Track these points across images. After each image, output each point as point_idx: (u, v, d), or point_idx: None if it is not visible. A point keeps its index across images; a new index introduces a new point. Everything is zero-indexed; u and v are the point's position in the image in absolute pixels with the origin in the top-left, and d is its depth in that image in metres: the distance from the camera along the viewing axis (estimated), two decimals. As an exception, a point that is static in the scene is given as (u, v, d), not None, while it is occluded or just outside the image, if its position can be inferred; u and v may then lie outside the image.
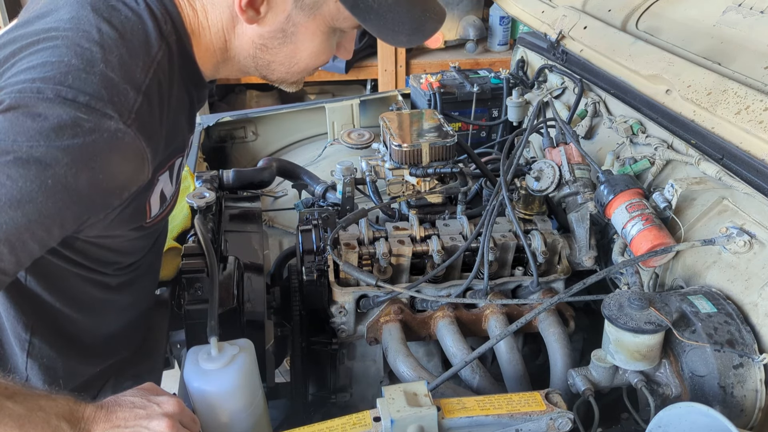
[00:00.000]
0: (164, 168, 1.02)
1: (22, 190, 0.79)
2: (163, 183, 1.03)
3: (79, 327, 1.13)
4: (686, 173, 1.36)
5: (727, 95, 1.28)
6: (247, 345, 1.18)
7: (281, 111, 2.53)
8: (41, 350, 1.09)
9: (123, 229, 1.02)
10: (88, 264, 1.06)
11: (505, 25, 3.77)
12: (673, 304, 1.08)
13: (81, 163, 0.81)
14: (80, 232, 0.96)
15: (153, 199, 1.03)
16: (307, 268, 1.34)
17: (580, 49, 1.80)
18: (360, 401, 1.46)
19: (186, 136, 1.09)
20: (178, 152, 1.06)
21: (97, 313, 1.16)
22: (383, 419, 0.88)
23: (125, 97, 0.85)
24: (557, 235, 1.44)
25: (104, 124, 0.82)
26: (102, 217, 0.93)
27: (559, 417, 0.92)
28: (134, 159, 0.87)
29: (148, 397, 0.94)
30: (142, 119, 0.87)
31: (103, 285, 1.12)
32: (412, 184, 1.58)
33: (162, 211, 1.08)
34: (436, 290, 1.38)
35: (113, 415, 0.91)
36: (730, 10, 1.49)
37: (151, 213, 1.04)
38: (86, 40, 0.87)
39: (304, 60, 1.08)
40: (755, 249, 1.14)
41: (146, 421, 0.91)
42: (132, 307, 1.25)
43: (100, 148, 0.82)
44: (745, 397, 1.01)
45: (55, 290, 1.07)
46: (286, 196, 2.16)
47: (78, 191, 0.83)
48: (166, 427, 0.91)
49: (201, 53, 1.03)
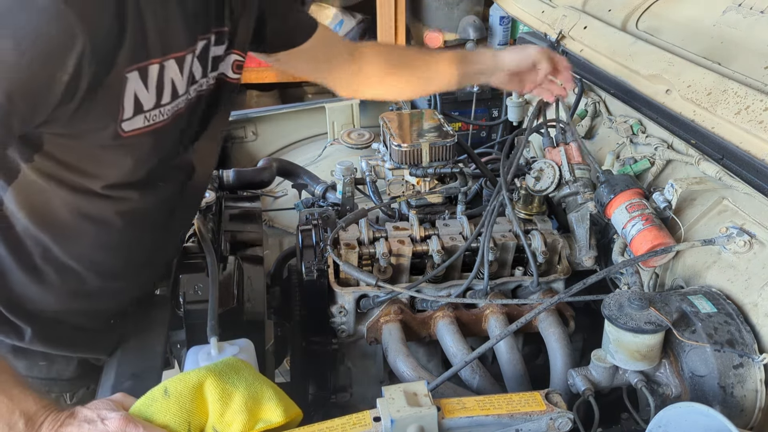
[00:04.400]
0: (134, 64, 0.97)
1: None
2: (135, 85, 0.99)
3: (46, 248, 1.13)
4: (686, 173, 1.36)
5: (727, 95, 1.28)
6: (247, 345, 1.18)
7: (281, 111, 2.53)
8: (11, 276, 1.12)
9: (93, 125, 0.99)
10: (66, 174, 1.05)
11: (505, 25, 3.76)
12: (673, 304, 1.08)
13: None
14: (46, 124, 0.95)
15: (126, 100, 0.99)
16: (307, 267, 1.34)
17: (580, 49, 1.80)
18: (360, 401, 1.46)
19: (171, 43, 1.03)
20: (154, 55, 1.00)
21: (79, 240, 1.15)
22: (383, 419, 0.88)
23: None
24: (557, 235, 1.44)
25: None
26: (58, 98, 0.90)
27: (559, 417, 0.92)
28: (56, 21, 0.84)
29: (101, 412, 0.94)
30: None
31: (90, 199, 1.10)
32: (412, 184, 1.59)
33: (145, 126, 1.03)
34: (436, 290, 1.38)
35: (64, 429, 0.92)
36: (730, 10, 1.50)
37: (123, 115, 0.99)
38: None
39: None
40: (755, 249, 1.14)
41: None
42: (131, 248, 1.22)
43: (14, 12, 0.82)
44: (745, 397, 1.01)
45: (28, 207, 1.08)
46: (286, 196, 2.16)
47: (6, 61, 0.83)
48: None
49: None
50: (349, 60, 1.50)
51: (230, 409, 0.96)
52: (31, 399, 0.92)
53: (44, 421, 0.91)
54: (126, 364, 1.25)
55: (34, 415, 0.91)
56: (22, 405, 0.90)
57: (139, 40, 0.96)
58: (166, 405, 0.95)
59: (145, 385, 1.18)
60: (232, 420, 0.95)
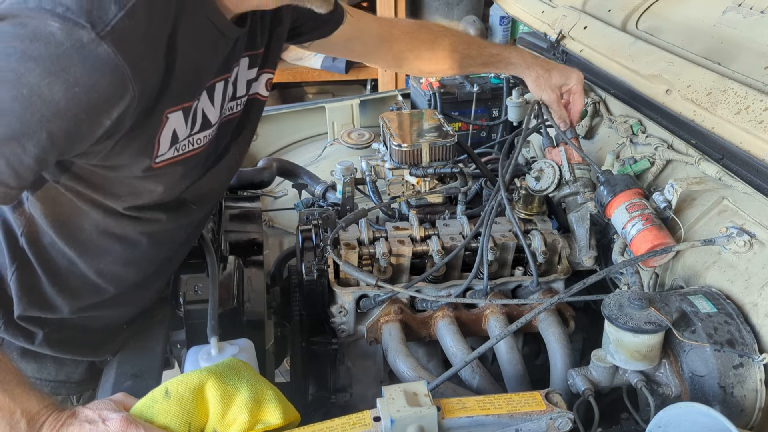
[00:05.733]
0: (175, 107, 0.99)
1: (1, 101, 0.81)
2: (175, 123, 1.01)
3: (71, 262, 1.15)
4: (686, 173, 1.36)
5: (727, 95, 1.28)
6: (247, 345, 1.19)
7: (281, 111, 2.52)
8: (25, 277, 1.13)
9: (127, 161, 1.00)
10: (94, 195, 1.06)
11: (505, 25, 3.77)
12: (673, 304, 1.08)
13: (53, 74, 0.81)
14: (81, 156, 0.96)
15: (163, 137, 1.01)
16: (307, 267, 1.34)
17: (580, 49, 1.80)
18: (360, 401, 1.46)
19: (205, 82, 1.05)
20: (193, 96, 1.03)
21: (104, 257, 1.16)
22: (383, 419, 0.88)
23: (104, 10, 0.83)
24: (557, 235, 1.44)
25: (76, 34, 0.81)
26: (96, 139, 0.91)
27: (559, 417, 0.92)
28: (110, 74, 0.85)
29: (102, 412, 0.95)
30: (121, 35, 0.84)
31: (118, 219, 1.11)
32: (412, 184, 1.59)
33: (175, 156, 1.05)
34: (436, 290, 1.38)
35: (65, 429, 0.93)
36: (730, 10, 1.50)
37: (158, 151, 1.01)
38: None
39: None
40: (755, 249, 1.14)
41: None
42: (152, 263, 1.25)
43: (71, 59, 0.82)
44: (745, 397, 1.01)
45: (55, 220, 1.09)
46: (286, 196, 2.16)
47: (55, 103, 0.83)
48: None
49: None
50: (378, 42, 1.54)
51: (231, 410, 0.96)
52: (34, 399, 0.92)
53: (45, 421, 0.92)
54: (126, 364, 1.25)
55: (36, 415, 0.92)
56: (25, 404, 0.91)
57: (182, 83, 0.98)
58: (167, 406, 0.95)
59: (145, 385, 1.19)
60: (233, 421, 0.95)
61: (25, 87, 0.81)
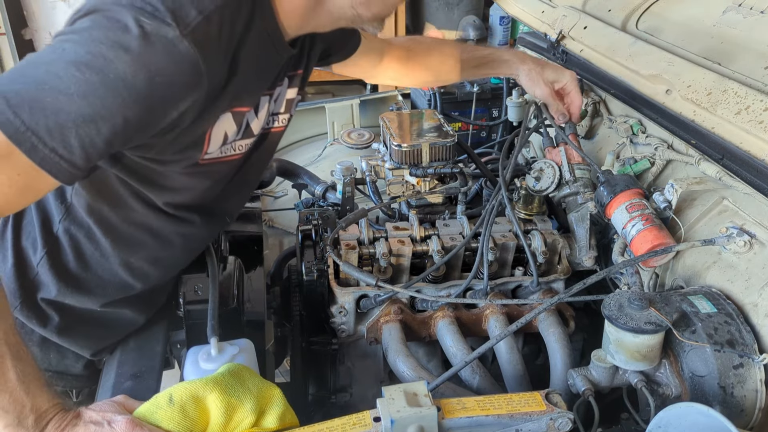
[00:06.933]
0: (226, 109, 1.06)
1: (89, 82, 0.86)
2: (226, 125, 1.09)
3: (104, 255, 1.19)
4: (686, 173, 1.36)
5: (727, 95, 1.28)
6: (247, 345, 1.18)
7: (281, 111, 2.52)
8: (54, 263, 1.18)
9: (178, 155, 1.07)
10: (139, 186, 1.12)
11: (505, 25, 3.77)
12: (673, 304, 1.08)
13: (139, 63, 0.88)
14: (138, 149, 1.02)
15: (215, 133, 1.08)
16: (307, 267, 1.34)
17: (580, 49, 1.80)
18: (360, 401, 1.46)
19: (257, 92, 1.14)
20: (246, 103, 1.11)
21: (138, 252, 1.21)
22: (383, 419, 0.88)
23: (186, 12, 0.91)
24: (557, 235, 1.44)
25: (162, 30, 0.89)
26: (158, 130, 0.96)
27: (559, 417, 0.92)
28: (189, 68, 0.92)
29: (107, 414, 0.97)
30: (198, 36, 0.92)
31: (157, 215, 1.17)
32: (412, 184, 1.59)
33: (219, 157, 1.13)
34: (436, 290, 1.38)
35: (70, 429, 0.94)
36: (730, 10, 1.50)
37: (208, 148, 1.08)
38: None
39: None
40: (755, 249, 1.14)
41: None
42: (178, 266, 1.31)
43: (157, 51, 0.89)
44: (745, 397, 1.01)
45: (96, 209, 1.15)
46: (286, 196, 2.16)
47: (137, 89, 0.88)
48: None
49: (285, 4, 1.07)
50: (379, 58, 1.60)
51: (233, 421, 0.98)
52: (45, 396, 0.94)
53: (51, 420, 0.94)
54: (126, 364, 1.25)
55: (45, 413, 0.93)
56: (36, 400, 0.93)
57: (240, 90, 1.05)
58: (170, 413, 0.97)
59: (145, 385, 1.19)
60: (233, 430, 0.98)
61: (113, 72, 0.87)
